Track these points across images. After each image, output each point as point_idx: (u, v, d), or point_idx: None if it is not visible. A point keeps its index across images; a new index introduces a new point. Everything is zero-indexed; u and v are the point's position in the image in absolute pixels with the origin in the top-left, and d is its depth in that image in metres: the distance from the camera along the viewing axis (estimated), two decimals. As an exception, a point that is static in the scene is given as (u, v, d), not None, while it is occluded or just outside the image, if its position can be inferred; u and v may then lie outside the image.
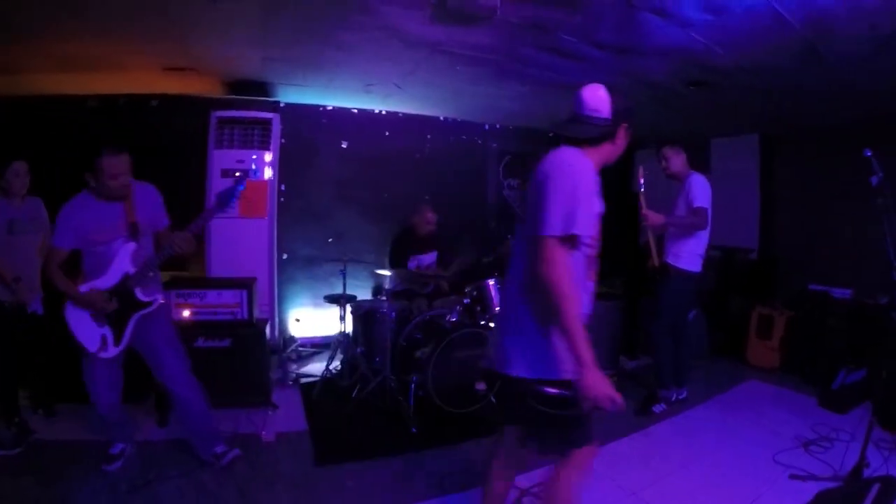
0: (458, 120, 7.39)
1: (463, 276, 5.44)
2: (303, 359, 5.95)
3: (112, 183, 3.05)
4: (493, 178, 7.85)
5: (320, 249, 6.47)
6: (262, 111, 5.62)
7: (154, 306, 3.24)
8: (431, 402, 4.25)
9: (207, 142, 5.47)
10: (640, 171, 4.47)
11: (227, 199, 3.24)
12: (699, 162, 5.50)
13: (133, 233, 3.18)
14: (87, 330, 3.11)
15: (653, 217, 4.34)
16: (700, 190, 4.39)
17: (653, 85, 5.07)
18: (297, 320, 6.39)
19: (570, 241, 2.01)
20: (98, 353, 3.11)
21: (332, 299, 5.24)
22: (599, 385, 1.90)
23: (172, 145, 5.53)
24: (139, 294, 3.19)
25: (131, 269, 3.16)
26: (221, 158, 5.44)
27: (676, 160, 4.53)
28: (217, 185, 5.32)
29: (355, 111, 6.74)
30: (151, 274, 3.25)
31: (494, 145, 7.81)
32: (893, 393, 3.94)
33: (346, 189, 6.68)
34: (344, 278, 4.94)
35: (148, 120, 5.60)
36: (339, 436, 4.07)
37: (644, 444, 4.07)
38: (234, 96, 5.60)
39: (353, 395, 4.59)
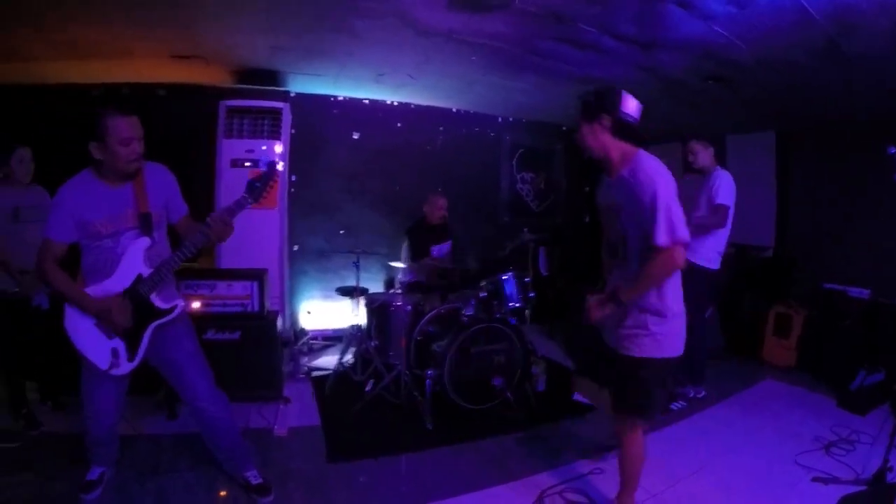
0: (472, 112, 7.27)
1: (478, 268, 5.36)
2: (314, 352, 5.87)
3: (123, 151, 2.48)
4: (506, 172, 7.76)
5: (331, 241, 6.40)
6: (272, 101, 5.49)
7: (175, 314, 2.76)
8: (447, 397, 4.16)
9: (216, 132, 5.35)
10: None
11: (259, 188, 2.70)
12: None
13: (145, 225, 2.64)
14: (94, 343, 2.60)
15: None
16: (725, 187, 4.28)
17: (670, 79, 4.94)
18: (309, 313, 6.31)
19: None
20: (109, 370, 2.61)
21: (345, 292, 5.15)
22: None
23: (180, 135, 5.40)
24: (156, 300, 2.68)
25: (145, 270, 2.62)
26: (231, 148, 5.33)
27: (705, 154, 4.42)
28: (227, 175, 5.24)
29: (366, 102, 6.64)
30: (168, 276, 2.71)
31: (508, 138, 7.72)
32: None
33: (358, 181, 6.59)
34: (357, 271, 4.85)
35: (154, 109, 5.43)
36: (352, 431, 3.97)
37: (663, 443, 3.95)
38: (243, 86, 5.49)
39: (367, 389, 4.51)
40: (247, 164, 5.29)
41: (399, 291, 4.95)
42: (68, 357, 2.71)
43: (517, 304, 4.72)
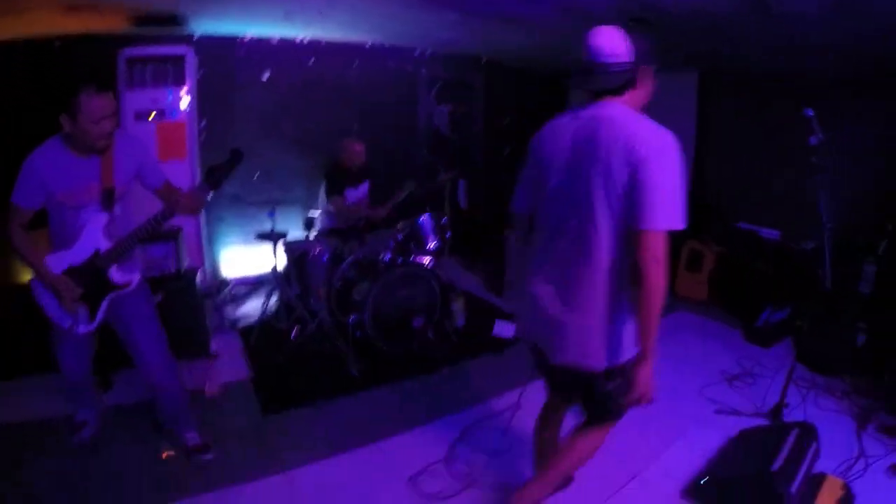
0: (387, 46, 7.06)
1: (396, 210, 5.42)
2: (238, 299, 5.89)
3: (94, 129, 2.50)
4: (424, 106, 7.70)
5: (247, 187, 6.29)
6: (175, 46, 5.28)
7: (131, 287, 2.86)
8: (371, 342, 4.33)
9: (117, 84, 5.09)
10: None
11: (219, 176, 3.02)
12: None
13: (107, 200, 2.70)
14: (57, 305, 2.73)
15: None
16: None
17: (592, 19, 4.86)
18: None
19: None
20: (71, 329, 2.75)
21: (263, 237, 5.05)
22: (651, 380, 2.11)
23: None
24: (114, 275, 2.78)
25: (103, 245, 2.71)
26: (134, 100, 5.10)
27: None
28: (132, 130, 4.96)
29: (275, 41, 6.39)
30: (129, 249, 2.80)
31: (425, 72, 7.58)
32: (814, 334, 4.24)
33: (271, 123, 6.42)
34: (273, 219, 4.83)
35: (52, 65, 5.13)
36: (282, 382, 4.11)
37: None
38: (143, 31, 5.19)
39: (292, 337, 4.64)
40: (153, 114, 5.11)
41: (315, 239, 5.00)
42: (14, 335, 2.74)
43: (435, 245, 4.88)
